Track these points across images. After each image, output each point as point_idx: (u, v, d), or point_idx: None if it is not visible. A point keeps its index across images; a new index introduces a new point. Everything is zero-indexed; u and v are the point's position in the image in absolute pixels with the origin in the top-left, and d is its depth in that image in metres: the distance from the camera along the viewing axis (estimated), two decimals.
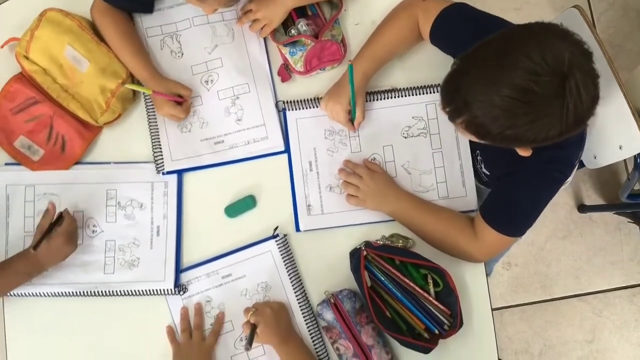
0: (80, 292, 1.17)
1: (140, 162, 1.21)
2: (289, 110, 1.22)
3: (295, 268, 1.19)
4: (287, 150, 1.22)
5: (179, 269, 1.19)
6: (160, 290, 1.18)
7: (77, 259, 1.17)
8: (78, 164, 1.21)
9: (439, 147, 1.21)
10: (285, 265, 1.18)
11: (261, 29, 1.20)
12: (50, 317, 1.18)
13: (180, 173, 1.21)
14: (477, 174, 1.23)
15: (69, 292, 1.17)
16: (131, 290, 1.18)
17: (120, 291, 1.18)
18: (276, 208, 1.21)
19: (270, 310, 1.10)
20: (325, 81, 1.22)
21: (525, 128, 0.84)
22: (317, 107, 1.22)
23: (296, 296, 1.17)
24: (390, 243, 1.17)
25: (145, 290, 1.18)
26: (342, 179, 1.20)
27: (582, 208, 2.07)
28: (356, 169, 1.19)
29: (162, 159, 1.20)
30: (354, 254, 1.15)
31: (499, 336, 1.60)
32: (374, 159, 1.22)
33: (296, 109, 1.22)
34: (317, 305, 1.15)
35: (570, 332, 2.05)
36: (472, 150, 1.21)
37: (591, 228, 2.08)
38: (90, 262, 1.18)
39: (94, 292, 1.17)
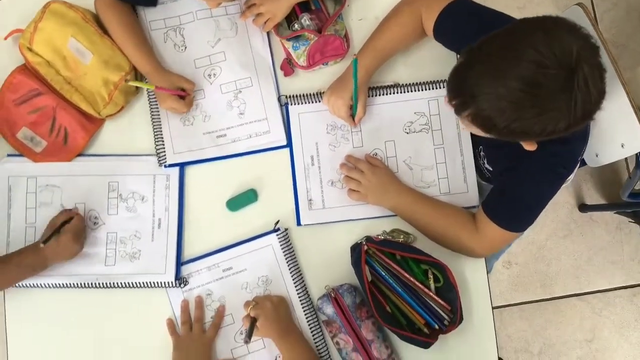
0: (81, 283, 1.17)
1: (143, 155, 1.22)
2: (291, 104, 1.23)
3: (296, 262, 1.19)
4: (289, 144, 1.22)
5: (179, 262, 1.19)
6: (161, 282, 1.18)
7: None
8: (80, 156, 1.21)
9: (440, 143, 1.21)
10: (286, 259, 1.18)
11: (264, 23, 1.20)
12: (50, 308, 1.18)
13: (182, 166, 1.21)
14: (479, 170, 1.23)
15: (70, 284, 1.17)
16: (132, 283, 1.18)
17: (121, 283, 1.18)
18: (277, 202, 1.21)
19: (271, 304, 1.11)
20: (328, 76, 1.22)
21: (532, 121, 0.84)
22: (320, 101, 1.22)
23: (296, 290, 1.17)
24: (391, 238, 1.17)
25: (146, 283, 1.18)
26: (344, 174, 1.20)
27: (583, 207, 2.07)
28: (358, 163, 1.20)
29: (164, 151, 1.20)
30: (355, 249, 1.15)
31: (499, 334, 1.60)
32: (376, 154, 1.22)
33: (298, 104, 1.22)
34: (318, 300, 1.15)
35: (570, 331, 2.05)
36: (475, 146, 1.21)
37: (592, 227, 2.09)
38: (91, 254, 1.18)
39: (95, 284, 1.18)
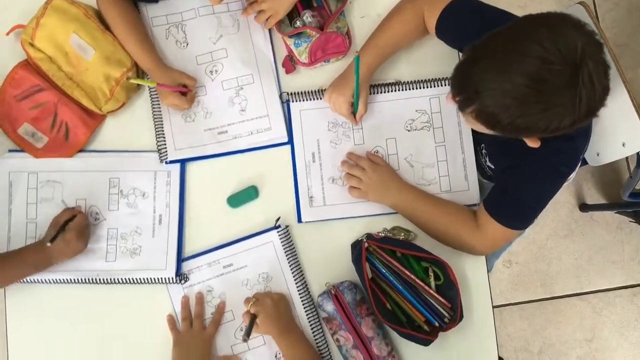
0: (81, 279, 1.17)
1: (144, 151, 1.22)
2: (292, 101, 1.23)
3: (297, 259, 1.19)
4: (290, 141, 1.22)
5: (180, 258, 1.19)
6: (161, 278, 1.18)
7: None
8: (81, 151, 1.21)
9: (442, 140, 1.21)
10: (286, 256, 1.18)
11: (266, 20, 1.20)
12: (51, 304, 1.18)
13: (183, 162, 1.21)
14: (480, 168, 1.23)
15: (71, 280, 1.17)
16: (132, 279, 1.18)
17: (121, 279, 1.18)
18: (278, 199, 1.21)
19: (271, 301, 1.11)
20: (330, 73, 1.22)
21: (537, 117, 0.83)
22: (321, 98, 1.22)
23: (297, 287, 1.17)
24: (391, 235, 1.17)
25: (147, 279, 1.18)
26: (345, 171, 1.20)
27: (584, 207, 2.07)
28: (359, 161, 1.20)
29: (165, 148, 1.20)
30: (356, 246, 1.15)
31: (499, 334, 1.60)
32: (377, 152, 1.22)
33: (300, 101, 1.22)
34: (318, 297, 1.15)
35: (570, 331, 2.05)
36: (477, 144, 1.21)
37: (592, 227, 2.09)
38: (92, 250, 1.18)
39: (96, 279, 1.18)
